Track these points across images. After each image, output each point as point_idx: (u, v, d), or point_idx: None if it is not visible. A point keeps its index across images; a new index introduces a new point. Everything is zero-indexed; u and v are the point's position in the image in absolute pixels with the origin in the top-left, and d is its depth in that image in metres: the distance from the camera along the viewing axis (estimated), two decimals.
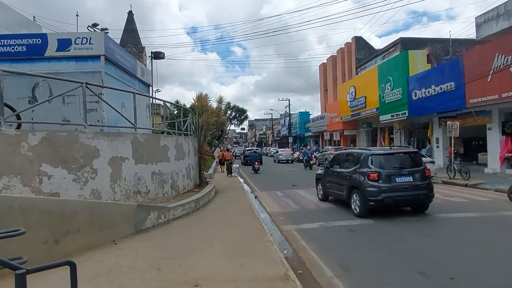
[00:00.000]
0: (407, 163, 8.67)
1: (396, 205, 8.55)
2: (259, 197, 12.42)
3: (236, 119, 39.71)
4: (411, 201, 8.58)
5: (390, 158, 8.80)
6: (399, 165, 8.55)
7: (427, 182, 8.54)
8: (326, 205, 10.02)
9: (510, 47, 13.16)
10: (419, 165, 8.72)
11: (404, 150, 10.32)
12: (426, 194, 8.39)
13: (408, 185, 8.24)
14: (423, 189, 8.35)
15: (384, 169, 8.38)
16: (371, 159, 8.62)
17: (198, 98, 12.63)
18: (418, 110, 20.13)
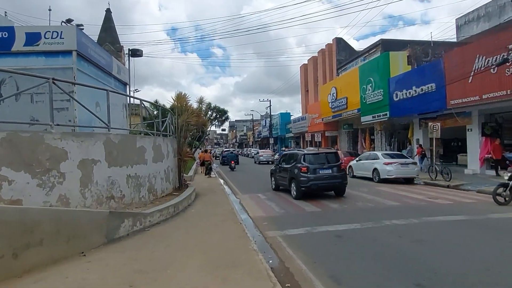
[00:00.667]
0: (328, 160, 12.14)
1: (320, 189, 11.81)
2: (242, 200, 12.00)
3: (217, 120, 39.23)
4: (330, 187, 11.95)
5: (316, 156, 12.25)
6: (322, 161, 12.00)
7: (342, 173, 12.08)
8: (311, 209, 9.70)
9: (491, 49, 13.26)
10: (337, 162, 12.26)
11: (327, 150, 13.70)
12: (341, 182, 11.82)
13: (328, 176, 11.67)
14: (339, 179, 11.80)
15: (312, 164, 11.78)
16: (303, 157, 12.07)
17: (177, 97, 12.09)
18: (399, 111, 20.21)
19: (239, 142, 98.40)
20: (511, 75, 12.77)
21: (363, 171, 17.18)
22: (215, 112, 38.57)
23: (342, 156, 21.01)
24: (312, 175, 11.51)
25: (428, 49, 21.85)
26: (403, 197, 11.22)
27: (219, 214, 8.63)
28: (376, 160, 16.19)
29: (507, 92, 12.99)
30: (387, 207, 9.59)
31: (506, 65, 12.81)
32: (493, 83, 13.58)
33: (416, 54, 21.55)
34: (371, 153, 17.61)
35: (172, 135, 12.32)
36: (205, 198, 11.56)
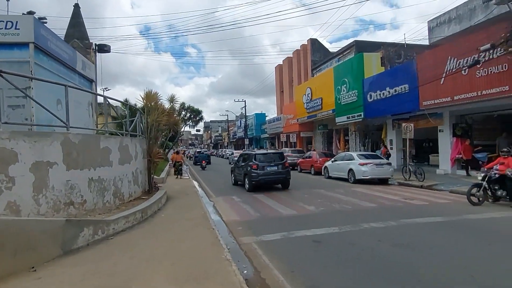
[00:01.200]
0: (275, 159, 14.51)
1: (267, 183, 14.16)
2: (216, 203, 11.52)
3: (191, 120, 38.38)
4: (276, 181, 14.36)
5: (265, 156, 14.76)
6: (270, 160, 14.39)
7: (286, 170, 14.35)
8: (288, 212, 9.37)
9: (462, 51, 13.45)
10: (282, 160, 14.57)
11: (274, 151, 17.77)
12: (285, 177, 14.25)
13: (274, 172, 14.05)
14: (283, 174, 14.21)
15: (261, 162, 14.12)
16: (255, 156, 14.42)
17: (147, 95, 11.44)
18: (373, 112, 20.34)
19: (214, 142, 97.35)
20: (481, 77, 13.00)
21: (339, 172, 17.09)
22: (189, 112, 37.77)
23: (318, 157, 20.96)
24: (261, 171, 13.93)
25: (400, 51, 22.18)
26: (379, 198, 11.11)
27: (191, 218, 8.12)
28: (351, 161, 16.13)
29: (477, 94, 13.22)
30: (364, 209, 9.41)
31: (477, 67, 13.04)
32: (464, 85, 13.80)
33: (389, 56, 21.81)
34: (346, 153, 17.57)
35: (141, 136, 11.67)
36: (177, 201, 11.00)
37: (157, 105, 11.71)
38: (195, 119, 39.39)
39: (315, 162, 20.65)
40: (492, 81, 12.47)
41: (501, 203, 9.56)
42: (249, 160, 14.53)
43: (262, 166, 13.97)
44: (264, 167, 13.95)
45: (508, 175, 9.37)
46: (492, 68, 12.39)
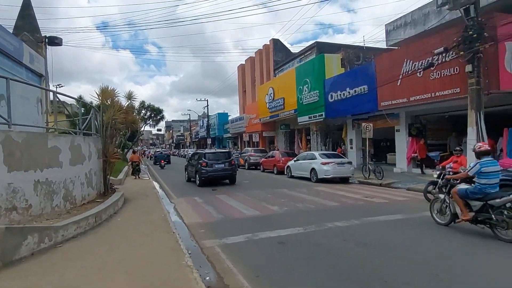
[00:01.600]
0: (222, 157, 16.27)
1: (215, 179, 15.82)
2: (177, 204, 11.08)
3: (152, 119, 37.01)
4: (223, 177, 16.10)
5: (214, 154, 16.61)
6: (218, 158, 16.09)
7: (232, 167, 16.18)
8: (251, 213, 9.18)
9: (417, 54, 13.99)
10: (229, 158, 16.42)
11: (222, 150, 20.79)
12: (231, 173, 16.04)
13: (221, 169, 15.82)
14: (230, 171, 15.98)
15: (210, 160, 15.81)
16: (204, 155, 16.24)
17: (103, 92, 10.76)
18: (334, 112, 20.74)
19: (176, 142, 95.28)
20: (435, 79, 13.59)
21: (301, 171, 17.20)
22: (149, 111, 36.37)
23: (280, 156, 21.01)
24: (210, 168, 15.67)
25: (359, 53, 22.83)
26: (341, 197, 11.24)
27: (150, 222, 7.69)
28: (313, 160, 16.28)
29: (431, 95, 13.81)
30: (327, 208, 9.44)
31: (431, 70, 13.62)
32: (419, 86, 14.38)
33: (348, 57, 22.37)
34: (309, 153, 17.73)
35: (96, 135, 10.98)
36: (135, 203, 10.44)
37: (114, 102, 11.06)
38: (156, 118, 38.02)
39: (278, 162, 20.68)
40: (445, 83, 13.08)
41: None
42: (199, 158, 16.26)
43: (211, 164, 15.75)
44: (212, 165, 15.75)
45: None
46: (445, 70, 13.00)
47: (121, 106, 11.37)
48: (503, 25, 10.67)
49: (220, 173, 15.80)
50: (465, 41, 10.81)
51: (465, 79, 11.60)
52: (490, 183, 6.13)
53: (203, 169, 15.55)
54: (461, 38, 10.92)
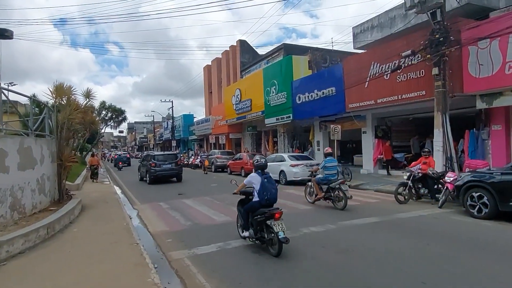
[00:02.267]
0: (170, 158, 19.16)
1: (164, 177, 18.35)
2: (140, 211, 10.36)
3: (113, 121, 35.37)
4: (170, 176, 18.69)
5: (162, 156, 19.43)
6: (165, 159, 18.86)
7: (178, 167, 19.05)
8: (221, 218, 8.70)
9: (385, 56, 14.16)
10: (175, 159, 19.28)
11: (169, 152, 23.91)
12: (177, 172, 18.78)
13: (168, 168, 18.46)
14: (176, 170, 18.74)
15: (158, 161, 18.40)
16: (154, 157, 18.95)
17: (57, 89, 9.82)
18: (302, 113, 20.67)
19: (139, 144, 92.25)
20: (401, 82, 13.81)
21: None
22: (110, 111, 34.75)
23: (248, 158, 20.62)
24: (158, 168, 18.24)
25: (326, 55, 22.99)
26: None
27: (111, 232, 7.00)
28: (282, 162, 16.05)
29: (398, 97, 14.02)
30: (300, 212, 9.16)
31: (398, 72, 13.82)
32: (386, 89, 14.55)
33: (316, 59, 22.44)
34: (277, 155, 17.49)
35: (51, 136, 10.02)
36: (94, 211, 9.62)
37: (70, 101, 10.15)
38: (118, 120, 36.42)
39: (246, 164, 20.26)
40: (411, 85, 13.31)
41: (423, 201, 10.10)
42: (150, 159, 18.89)
43: (159, 164, 18.34)
44: (161, 165, 18.36)
45: (429, 174, 9.93)
46: (411, 73, 13.22)
47: (79, 105, 10.46)
48: (467, 30, 10.96)
49: (167, 172, 18.49)
50: (431, 45, 10.99)
51: (431, 82, 11.83)
52: (331, 173, 9.89)
53: (153, 169, 18.13)
54: (428, 42, 11.10)
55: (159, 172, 18.06)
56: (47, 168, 9.08)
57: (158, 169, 18.07)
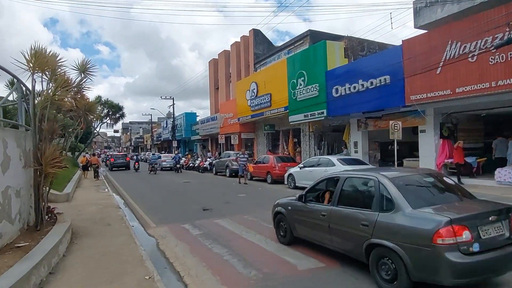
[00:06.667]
0: (121, 157, 35.35)
1: (118, 167, 32.69)
2: (160, 240, 6.91)
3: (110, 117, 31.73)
4: (122, 166, 33.15)
5: (118, 155, 36.53)
6: (120, 157, 35.35)
7: (127, 162, 34.16)
8: (302, 261, 5.29)
9: (470, 33, 10.91)
10: (125, 157, 35.73)
11: (122, 153, 45.28)
12: (127, 164, 33.71)
13: (121, 163, 33.61)
14: (126, 163, 33.86)
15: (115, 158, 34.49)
16: (110, 156, 37.66)
17: (36, 56, 6.35)
18: (339, 109, 17.30)
19: (134, 145, 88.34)
20: (497, 64, 10.55)
21: (311, 181, 13.27)
22: (107, 107, 31.11)
23: (275, 161, 17.24)
24: (114, 163, 32.21)
25: (364, 43, 19.73)
26: None
27: None
28: (330, 167, 12.66)
29: (491, 85, 10.76)
30: None
31: (491, 52, 10.57)
32: (471, 74, 11.30)
33: (353, 47, 19.17)
34: (321, 158, 14.10)
35: (27, 128, 6.59)
36: (91, 245, 6.16)
37: (56, 75, 6.69)
38: (115, 117, 32.83)
39: (273, 168, 16.89)
40: None
41: None
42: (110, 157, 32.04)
43: (115, 161, 32.35)
44: (115, 162, 32.23)
45: None
46: None
47: (69, 81, 6.98)
48: None
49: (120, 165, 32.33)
50: None
51: None
52: None
53: (111, 163, 32.17)
54: None
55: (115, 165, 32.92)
56: (16, 176, 5.63)
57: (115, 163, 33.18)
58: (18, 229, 5.71)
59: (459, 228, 3.75)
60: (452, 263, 3.64)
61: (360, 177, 5.22)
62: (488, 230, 3.93)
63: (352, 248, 4.76)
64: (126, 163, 34.05)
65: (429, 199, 4.46)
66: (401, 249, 3.97)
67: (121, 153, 42.99)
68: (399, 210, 4.21)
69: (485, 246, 3.84)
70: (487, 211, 4.14)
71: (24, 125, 6.52)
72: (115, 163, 33.51)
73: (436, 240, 3.71)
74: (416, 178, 5.02)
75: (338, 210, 5.04)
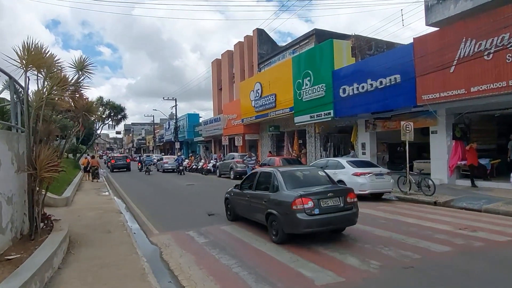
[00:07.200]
0: (122, 159, 35.21)
1: (119, 168, 33.17)
2: (164, 250, 6.46)
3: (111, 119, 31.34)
4: (123, 168, 33.72)
5: (118, 158, 36.27)
6: (122, 159, 35.01)
7: (127, 164, 34.16)
8: (320, 274, 4.82)
9: (486, 30, 10.44)
10: (126, 159, 35.38)
11: (122, 155, 46.92)
12: (127, 166, 33.96)
13: (122, 165, 33.48)
14: (127, 165, 33.89)
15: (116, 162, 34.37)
16: (111, 158, 37.53)
17: (30, 52, 5.92)
18: (347, 109, 16.83)
19: (136, 146, 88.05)
20: None
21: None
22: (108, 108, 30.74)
23: (280, 163, 16.79)
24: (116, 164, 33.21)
25: (371, 42, 19.26)
26: (425, 230, 7.18)
27: None
28: (340, 169, 12.19)
29: (509, 83, 10.27)
30: (443, 259, 5.31)
31: (508, 50, 10.10)
32: (486, 73, 10.82)
33: (360, 46, 18.71)
34: (330, 160, 13.59)
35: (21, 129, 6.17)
36: (90, 255, 5.72)
37: (51, 72, 6.26)
38: (116, 118, 32.44)
39: None
40: None
41: None
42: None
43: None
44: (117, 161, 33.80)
45: None
46: None
47: (66, 79, 6.55)
48: None
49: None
50: None
51: None
52: None
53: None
54: None
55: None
56: (6, 182, 5.20)
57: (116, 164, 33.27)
58: (10, 239, 5.28)
59: (306, 200, 6.15)
60: (301, 220, 6.07)
61: (266, 171, 7.78)
62: (327, 201, 6.36)
63: (260, 217, 7.20)
64: (127, 165, 34.53)
65: (300, 184, 7.00)
66: (279, 214, 6.44)
67: (121, 155, 43.06)
68: (281, 191, 6.71)
69: (324, 211, 6.24)
70: (327, 190, 6.64)
71: (17, 126, 6.10)
72: (116, 164, 33.99)
73: (292, 206, 6.14)
74: (298, 171, 7.78)
75: (254, 193, 7.61)
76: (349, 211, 6.51)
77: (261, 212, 7.05)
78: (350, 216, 6.53)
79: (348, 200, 6.55)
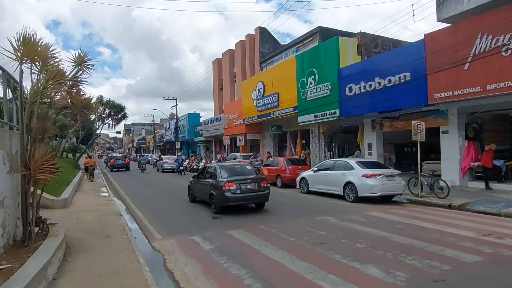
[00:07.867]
0: (121, 159, 35.31)
1: (118, 168, 33.23)
2: (167, 257, 5.97)
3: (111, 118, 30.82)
4: (122, 168, 34.03)
5: (117, 157, 36.22)
6: (121, 159, 35.19)
7: (126, 163, 34.24)
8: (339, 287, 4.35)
9: (504, 24, 9.96)
10: (125, 159, 35.56)
11: (122, 155, 45.22)
12: (126, 165, 34.10)
13: (121, 164, 33.70)
14: (126, 165, 34.16)
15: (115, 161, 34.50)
16: (110, 158, 37.71)
17: (26, 44, 5.45)
18: (353, 108, 16.36)
19: (137, 146, 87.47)
20: None
21: (326, 185, 12.57)
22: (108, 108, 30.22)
23: (284, 163, 16.30)
24: (115, 163, 33.43)
25: (378, 40, 18.78)
26: (444, 236, 6.70)
27: None
28: (349, 170, 11.71)
29: None
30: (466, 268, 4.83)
31: None
32: (504, 70, 10.35)
33: (366, 44, 18.23)
34: (338, 161, 13.10)
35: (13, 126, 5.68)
36: (87, 261, 5.24)
37: (47, 65, 5.77)
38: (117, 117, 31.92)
39: (283, 172, 15.94)
40: None
41: None
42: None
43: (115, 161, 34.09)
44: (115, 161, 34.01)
45: None
46: None
47: (62, 73, 6.05)
48: None
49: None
50: None
51: None
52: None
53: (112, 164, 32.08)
54: None
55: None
56: (2, 183, 4.71)
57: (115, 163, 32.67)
58: (2, 245, 4.80)
59: (231, 184, 9.42)
60: (228, 197, 9.37)
61: (212, 165, 11.16)
62: (246, 185, 9.64)
63: (206, 197, 10.38)
64: (126, 164, 34.72)
65: (231, 174, 10.07)
66: (216, 194, 9.71)
67: (121, 155, 42.89)
68: (218, 178, 9.96)
69: (244, 191, 9.54)
70: (247, 178, 9.88)
71: (10, 123, 5.61)
72: (116, 164, 34.15)
73: (223, 188, 9.41)
74: (232, 166, 11.28)
75: (204, 180, 10.85)
76: (263, 192, 9.84)
77: (207, 193, 10.23)
78: (263, 195, 9.89)
79: (262, 185, 9.86)
